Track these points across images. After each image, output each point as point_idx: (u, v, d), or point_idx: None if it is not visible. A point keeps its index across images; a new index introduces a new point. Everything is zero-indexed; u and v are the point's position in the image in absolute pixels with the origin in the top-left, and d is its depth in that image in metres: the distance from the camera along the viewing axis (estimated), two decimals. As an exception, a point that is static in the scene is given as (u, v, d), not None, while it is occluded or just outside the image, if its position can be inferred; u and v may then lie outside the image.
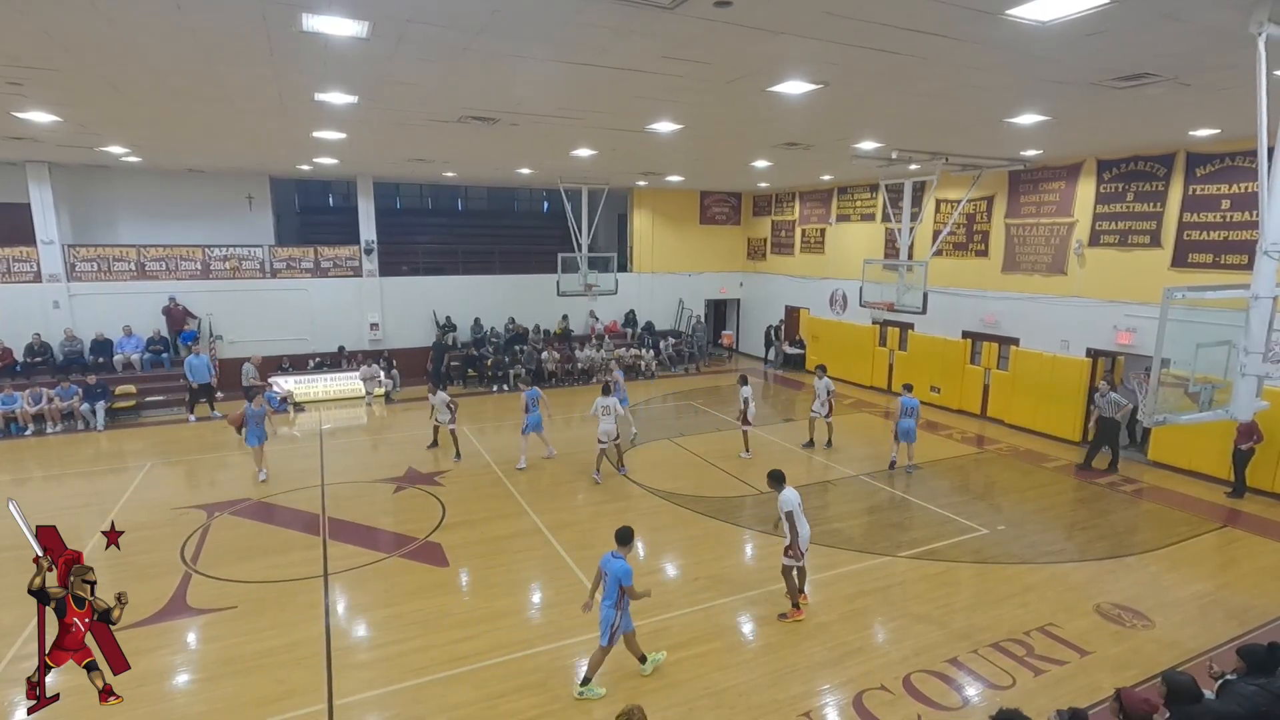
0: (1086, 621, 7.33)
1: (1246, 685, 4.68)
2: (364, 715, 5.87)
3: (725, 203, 24.11)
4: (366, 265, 19.44)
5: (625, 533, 6.19)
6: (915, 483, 11.67)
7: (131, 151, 14.04)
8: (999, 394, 15.48)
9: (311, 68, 7.16)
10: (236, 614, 7.44)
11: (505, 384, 19.03)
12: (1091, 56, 6.42)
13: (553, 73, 7.23)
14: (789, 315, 22.67)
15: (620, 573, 5.91)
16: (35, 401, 14.53)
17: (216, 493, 11.16)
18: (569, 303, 20.42)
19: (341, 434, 14.92)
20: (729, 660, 6.65)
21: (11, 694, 6.01)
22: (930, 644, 6.90)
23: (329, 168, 17.12)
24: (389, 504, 10.68)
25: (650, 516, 10.22)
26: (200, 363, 15.42)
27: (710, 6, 5.18)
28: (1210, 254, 11.68)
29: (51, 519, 4.67)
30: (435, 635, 7.02)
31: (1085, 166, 13.53)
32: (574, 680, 6.26)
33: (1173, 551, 9.15)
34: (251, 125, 10.66)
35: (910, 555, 8.90)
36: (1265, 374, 5.43)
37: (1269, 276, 5.10)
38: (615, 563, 5.98)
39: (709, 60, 6.70)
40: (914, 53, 6.37)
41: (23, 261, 16.22)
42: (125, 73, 7.40)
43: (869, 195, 19.01)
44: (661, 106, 9.01)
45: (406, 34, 5.98)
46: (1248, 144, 10.94)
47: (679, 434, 14.53)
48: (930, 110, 8.98)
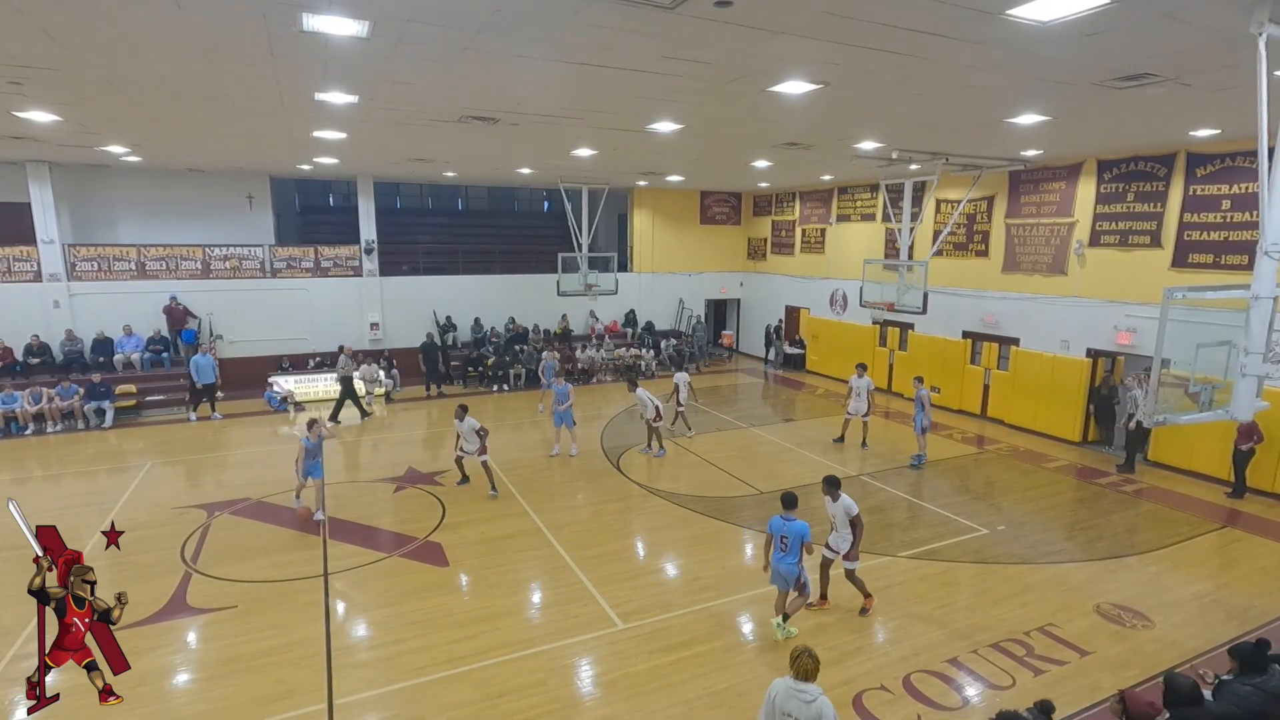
0: (1086, 621, 7.33)
1: (1241, 685, 4.68)
2: (364, 715, 5.87)
3: (725, 203, 24.10)
4: (367, 265, 19.45)
5: (792, 497, 7.00)
6: (915, 482, 11.67)
7: (132, 151, 14.04)
8: (999, 394, 15.48)
9: (312, 67, 7.16)
10: (236, 614, 7.44)
11: (505, 384, 19.03)
12: (1092, 56, 6.42)
13: (553, 72, 7.23)
14: (789, 315, 22.67)
15: (803, 531, 6.80)
16: (35, 401, 14.53)
17: (216, 492, 11.16)
18: (569, 302, 20.41)
19: (341, 433, 14.91)
20: (729, 660, 6.65)
21: (11, 694, 6.02)
22: (930, 644, 6.90)
23: (329, 167, 17.12)
24: (389, 504, 10.68)
25: (650, 516, 10.22)
26: (206, 362, 15.42)
27: (710, 6, 5.18)
28: (1210, 254, 11.68)
29: (51, 519, 4.67)
30: (435, 635, 7.02)
31: (1085, 166, 13.53)
32: (574, 681, 6.26)
33: (1173, 552, 9.15)
34: (252, 125, 10.66)
35: (910, 555, 8.90)
36: (1265, 374, 5.42)
37: (1269, 277, 5.09)
38: (792, 524, 6.80)
39: (709, 60, 6.70)
40: (914, 53, 6.37)
41: (23, 261, 16.23)
42: (125, 72, 7.40)
43: (869, 195, 19.00)
44: (662, 106, 9.01)
45: (406, 34, 5.98)
46: (1248, 144, 10.94)
47: (679, 434, 14.52)
48: (930, 110, 8.98)
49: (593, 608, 7.57)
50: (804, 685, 4.32)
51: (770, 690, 4.44)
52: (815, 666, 4.35)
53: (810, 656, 4.37)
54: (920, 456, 12.46)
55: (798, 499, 7.03)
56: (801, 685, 4.32)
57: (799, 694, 4.29)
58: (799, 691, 4.30)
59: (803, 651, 4.40)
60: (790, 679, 4.37)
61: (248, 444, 14.10)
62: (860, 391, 13.17)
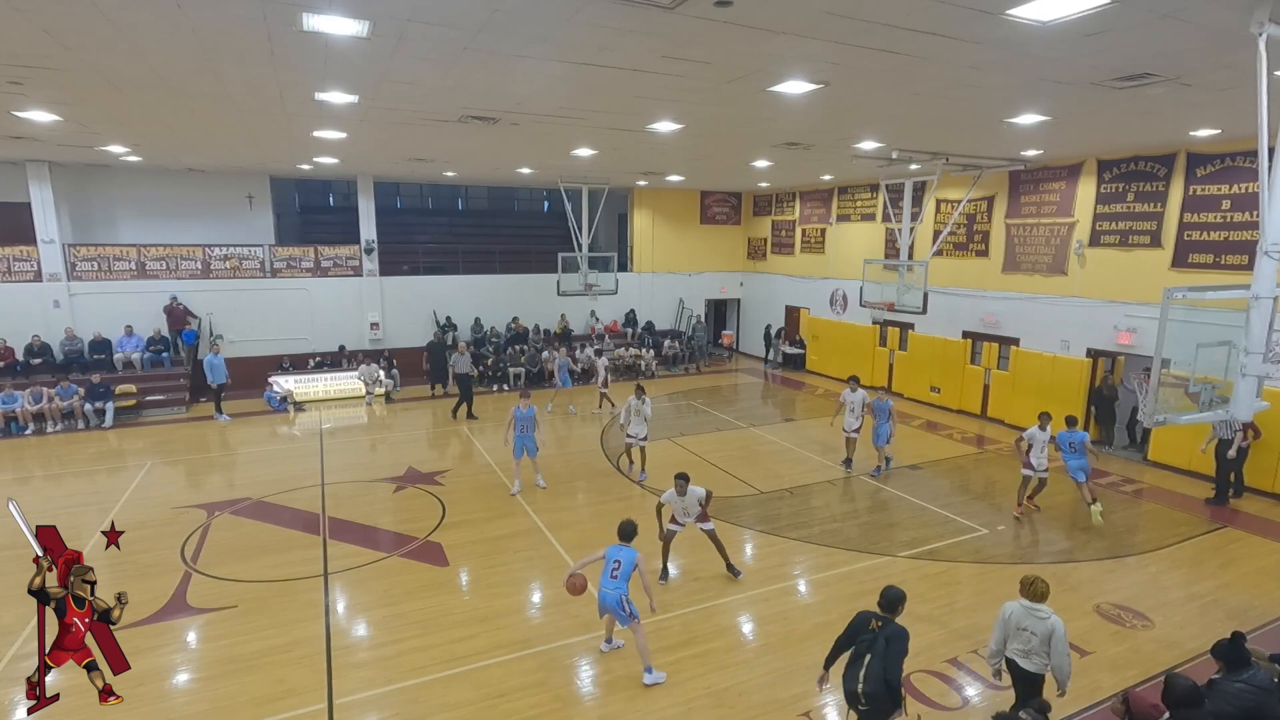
0: (1086, 621, 7.32)
1: (1232, 684, 4.70)
2: (364, 714, 5.87)
3: (725, 202, 24.10)
4: (367, 265, 19.45)
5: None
6: (915, 483, 11.67)
7: (132, 151, 14.03)
8: (999, 394, 15.48)
9: (312, 67, 7.16)
10: (236, 613, 7.44)
11: (505, 383, 19.04)
12: (1092, 56, 6.42)
13: (553, 72, 7.23)
14: (789, 315, 22.67)
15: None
16: (36, 401, 14.53)
17: (216, 492, 11.17)
18: (569, 302, 20.41)
19: (341, 433, 14.92)
20: (729, 660, 6.65)
21: (11, 694, 6.02)
22: (930, 644, 6.89)
23: (329, 167, 17.12)
24: (389, 503, 10.68)
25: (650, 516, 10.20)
26: (219, 362, 15.44)
27: (710, 6, 5.18)
28: (1211, 254, 11.67)
29: (51, 518, 4.67)
30: (435, 635, 7.02)
31: (1086, 166, 13.52)
32: (573, 681, 6.26)
33: (1173, 551, 9.15)
34: (252, 124, 10.66)
35: (910, 555, 8.90)
36: (1265, 374, 5.42)
37: (1269, 277, 5.09)
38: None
39: (709, 60, 6.70)
40: (914, 53, 6.37)
41: (23, 261, 16.23)
42: (125, 72, 7.39)
43: (869, 195, 19.00)
44: (662, 106, 9.01)
45: (406, 33, 5.98)
46: (1248, 144, 10.94)
47: (679, 434, 14.52)
48: (930, 110, 8.98)
49: (592, 607, 7.53)
50: (1039, 605, 5.06)
51: (1004, 612, 5.21)
52: (1047, 590, 5.10)
53: (1043, 581, 5.12)
54: (879, 468, 11.98)
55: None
56: (1036, 605, 5.06)
57: (1035, 612, 5.06)
58: (1034, 610, 5.06)
59: (1036, 578, 5.14)
60: (1025, 601, 5.11)
61: (248, 444, 14.10)
62: (854, 407, 11.97)
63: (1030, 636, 5.03)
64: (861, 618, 4.96)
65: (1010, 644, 5.16)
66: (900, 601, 4.97)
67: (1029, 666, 5.08)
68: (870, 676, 4.64)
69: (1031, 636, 5.03)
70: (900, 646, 4.73)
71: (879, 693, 4.61)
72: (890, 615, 4.91)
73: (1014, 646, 5.14)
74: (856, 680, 4.70)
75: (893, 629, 4.79)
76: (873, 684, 4.62)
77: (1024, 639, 5.08)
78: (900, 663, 4.70)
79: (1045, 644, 4.98)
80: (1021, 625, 5.08)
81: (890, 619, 4.87)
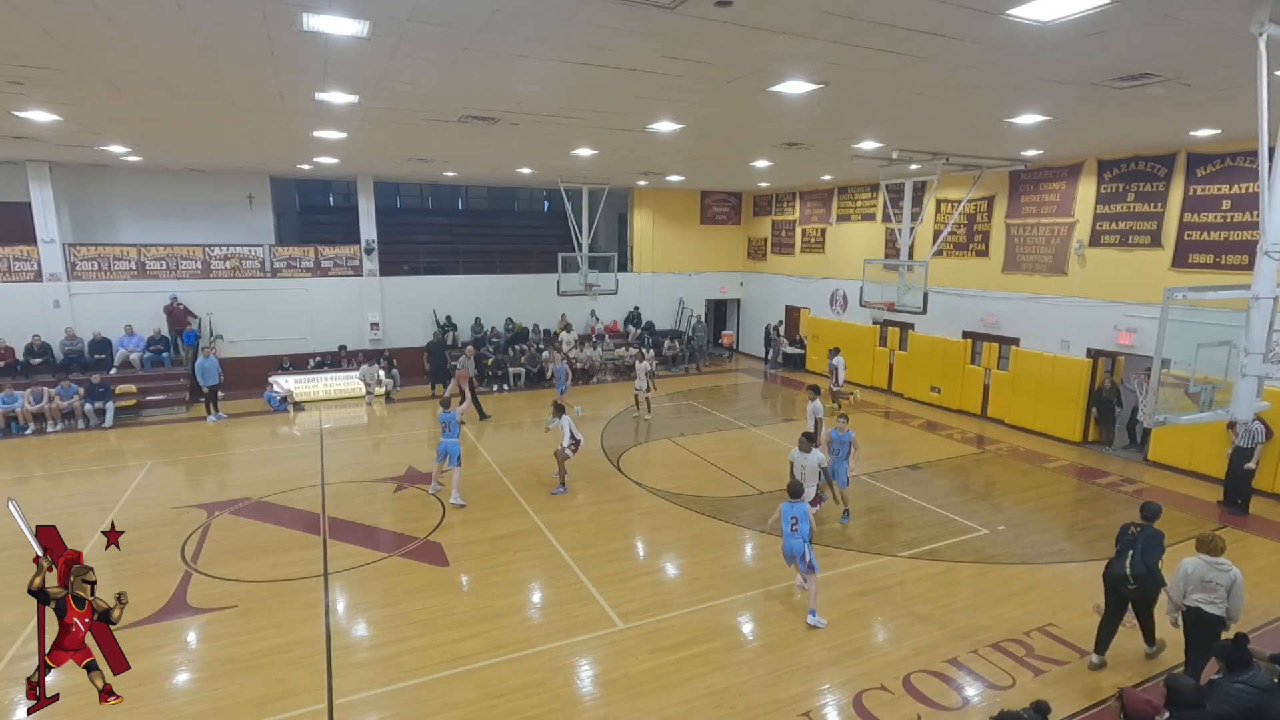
0: (1086, 621, 7.30)
1: (1232, 684, 4.71)
2: (364, 714, 5.87)
3: (725, 202, 24.10)
4: (367, 265, 19.45)
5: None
6: (915, 483, 11.67)
7: (132, 150, 14.03)
8: (999, 394, 15.48)
9: (312, 67, 7.16)
10: (236, 613, 7.44)
11: (505, 383, 19.04)
12: (1092, 56, 6.42)
13: (553, 72, 7.23)
14: (789, 315, 22.66)
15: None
16: (36, 400, 14.53)
17: (216, 492, 11.17)
18: (569, 302, 20.41)
19: (341, 433, 14.92)
20: (729, 660, 6.65)
21: (11, 694, 6.02)
22: (930, 644, 6.90)
23: (329, 167, 17.12)
24: (389, 503, 10.68)
25: (650, 516, 10.22)
26: (210, 364, 15.35)
27: (710, 6, 5.18)
28: (1211, 254, 11.67)
29: (51, 518, 4.67)
30: (435, 635, 7.02)
31: (1086, 166, 13.52)
32: (573, 681, 6.27)
33: (1173, 552, 9.11)
34: (252, 124, 10.66)
35: (910, 555, 8.90)
36: (1266, 374, 5.42)
37: (1269, 277, 5.09)
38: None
39: (709, 60, 6.70)
40: (914, 53, 6.37)
41: (23, 260, 16.23)
42: (125, 71, 7.40)
43: (869, 195, 19.00)
44: (662, 106, 9.01)
45: (406, 33, 5.98)
46: (1248, 144, 10.94)
47: (679, 434, 14.53)
48: (930, 110, 8.98)
49: (593, 607, 7.57)
50: (1219, 559, 5.78)
51: (1183, 568, 5.93)
52: (1224, 544, 5.87)
53: (1220, 539, 5.86)
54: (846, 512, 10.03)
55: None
56: (1217, 559, 5.78)
57: (1216, 565, 5.78)
58: (1216, 563, 5.79)
59: (1214, 535, 5.90)
60: (1205, 556, 5.83)
61: (248, 444, 14.10)
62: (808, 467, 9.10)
63: (1216, 585, 5.77)
64: (1123, 527, 6.50)
65: (1192, 594, 5.89)
66: (1158, 514, 6.45)
67: (1215, 611, 5.81)
68: (1135, 564, 6.15)
69: (1217, 586, 5.77)
70: (1156, 544, 6.21)
71: (1143, 575, 6.13)
72: (1148, 522, 6.36)
73: (1197, 595, 5.87)
74: (1124, 567, 6.21)
75: (1150, 531, 6.30)
76: (1138, 568, 6.13)
77: (1208, 588, 5.82)
78: (1157, 555, 6.17)
79: (1228, 591, 5.75)
80: (1206, 578, 5.81)
81: (1148, 524, 6.35)
